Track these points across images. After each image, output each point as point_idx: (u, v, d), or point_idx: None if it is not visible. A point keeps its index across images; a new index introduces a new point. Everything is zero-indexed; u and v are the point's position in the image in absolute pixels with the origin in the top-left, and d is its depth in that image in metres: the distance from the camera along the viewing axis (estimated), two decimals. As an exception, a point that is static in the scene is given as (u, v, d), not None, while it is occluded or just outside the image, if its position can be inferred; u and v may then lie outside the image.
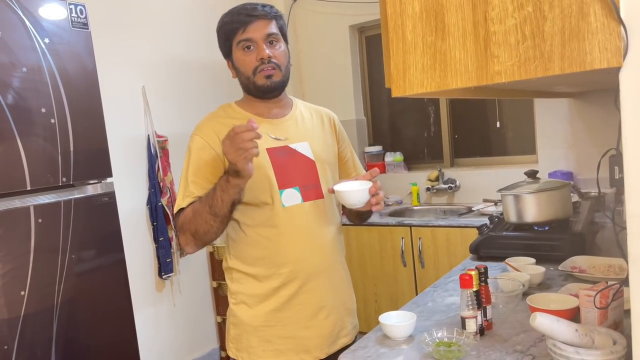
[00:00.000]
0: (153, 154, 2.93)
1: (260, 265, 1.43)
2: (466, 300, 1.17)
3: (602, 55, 0.77)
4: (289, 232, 1.41)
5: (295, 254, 1.42)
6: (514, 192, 1.86)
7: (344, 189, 1.36)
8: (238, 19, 1.41)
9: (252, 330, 1.44)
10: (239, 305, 1.47)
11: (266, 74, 1.41)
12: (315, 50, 3.89)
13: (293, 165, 1.43)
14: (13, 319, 1.79)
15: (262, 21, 1.41)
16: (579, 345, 0.95)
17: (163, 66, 3.10)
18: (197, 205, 1.35)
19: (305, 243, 1.43)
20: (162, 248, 2.92)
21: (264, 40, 1.40)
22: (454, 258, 2.86)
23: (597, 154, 2.80)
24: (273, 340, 1.43)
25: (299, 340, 1.43)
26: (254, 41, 1.40)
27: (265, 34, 1.41)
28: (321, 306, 1.45)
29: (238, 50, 1.43)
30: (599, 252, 1.72)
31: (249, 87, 1.45)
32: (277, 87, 1.44)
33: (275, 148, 1.42)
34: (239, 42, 1.41)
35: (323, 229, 1.46)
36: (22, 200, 1.83)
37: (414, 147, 3.83)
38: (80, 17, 2.02)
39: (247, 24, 1.40)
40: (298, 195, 1.42)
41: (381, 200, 1.39)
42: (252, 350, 1.44)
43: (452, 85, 0.90)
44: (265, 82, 1.42)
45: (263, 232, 1.41)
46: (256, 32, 1.40)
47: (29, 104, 1.85)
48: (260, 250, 1.42)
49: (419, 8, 0.92)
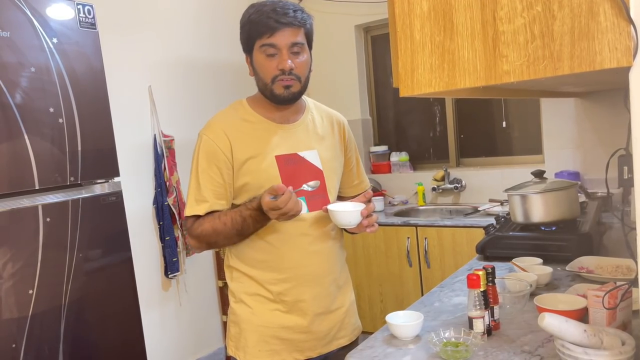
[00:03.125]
0: (159, 153, 2.94)
1: (261, 268, 1.43)
2: (473, 300, 1.17)
3: (612, 54, 0.76)
4: (292, 239, 1.41)
5: (296, 260, 1.42)
6: (521, 192, 1.86)
7: (336, 209, 1.36)
8: (267, 22, 1.34)
9: (251, 329, 1.44)
10: (239, 304, 1.47)
11: (285, 84, 1.37)
12: (321, 49, 3.88)
13: (301, 174, 1.42)
14: (21, 318, 1.80)
15: (291, 29, 1.35)
16: (588, 345, 0.95)
17: (170, 66, 3.11)
18: (219, 226, 1.37)
19: (306, 250, 1.43)
20: (168, 247, 2.93)
21: (288, 48, 1.36)
22: (460, 258, 2.85)
23: (604, 154, 2.78)
24: (270, 341, 1.43)
25: (295, 343, 1.44)
26: (278, 48, 1.35)
27: (291, 43, 1.36)
28: (320, 312, 1.45)
29: (260, 53, 1.38)
30: (607, 253, 1.71)
31: (266, 92, 1.42)
32: (294, 98, 1.42)
33: (284, 156, 1.41)
34: (262, 45, 1.36)
35: (325, 236, 1.46)
36: (31, 199, 1.84)
37: (420, 146, 3.82)
38: (88, 17, 2.03)
39: (275, 30, 1.34)
40: (304, 204, 1.41)
41: (374, 222, 1.40)
42: (248, 349, 1.44)
43: (460, 85, 0.90)
44: (283, 93, 1.38)
45: (266, 237, 1.41)
46: (282, 40, 1.35)
47: (37, 104, 1.86)
48: (261, 254, 1.43)
49: (427, 7, 0.92)
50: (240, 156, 1.38)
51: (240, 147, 1.39)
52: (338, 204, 1.41)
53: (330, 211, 1.36)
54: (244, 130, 1.41)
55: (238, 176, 1.39)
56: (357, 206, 1.38)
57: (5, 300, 1.77)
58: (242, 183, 1.39)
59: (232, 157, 1.38)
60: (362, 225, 1.37)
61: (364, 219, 1.36)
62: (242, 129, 1.41)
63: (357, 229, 1.40)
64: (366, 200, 1.42)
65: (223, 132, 1.40)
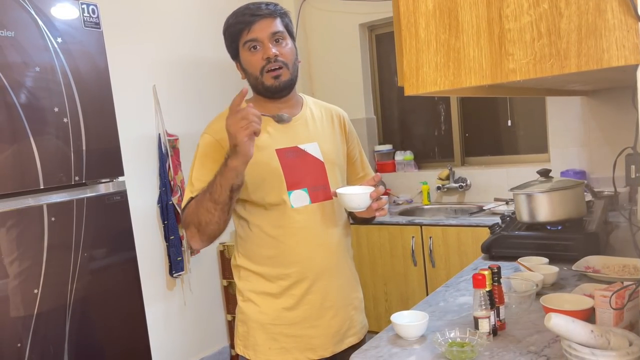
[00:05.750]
0: (164, 152, 2.94)
1: (268, 264, 1.43)
2: (479, 300, 1.16)
3: (619, 52, 0.76)
4: (297, 233, 1.41)
5: (303, 254, 1.42)
6: (526, 191, 1.84)
7: (345, 192, 1.36)
8: (242, 19, 1.40)
9: (259, 328, 1.44)
10: (246, 302, 1.47)
11: (274, 74, 1.40)
12: (325, 48, 3.88)
13: (302, 166, 1.43)
14: (26, 317, 1.81)
15: (266, 20, 1.39)
16: (595, 346, 0.94)
17: (174, 65, 3.11)
18: (199, 195, 1.35)
19: (312, 243, 1.43)
20: (173, 246, 2.93)
21: (269, 39, 1.39)
22: (465, 257, 2.84)
23: (610, 153, 2.77)
24: (279, 339, 1.43)
25: (305, 339, 1.44)
26: (259, 41, 1.39)
27: (271, 33, 1.39)
28: (328, 306, 1.45)
29: (245, 51, 1.42)
30: (613, 252, 1.70)
31: (258, 87, 1.44)
32: (285, 86, 1.43)
33: (285, 149, 1.42)
34: (244, 42, 1.40)
35: (330, 229, 1.46)
36: (36, 198, 1.85)
37: (425, 145, 3.81)
38: (92, 16, 2.03)
39: (251, 24, 1.38)
40: (306, 196, 1.42)
41: (384, 205, 1.40)
42: (258, 348, 1.44)
43: (466, 83, 0.90)
44: (274, 83, 1.41)
45: (271, 232, 1.41)
46: (261, 32, 1.39)
47: (41, 104, 1.86)
48: (268, 250, 1.42)
49: (433, 5, 0.91)
50: None
51: None
52: (347, 188, 1.41)
53: (339, 194, 1.36)
54: None
55: None
56: (366, 189, 1.37)
57: (11, 300, 1.77)
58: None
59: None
60: (371, 208, 1.37)
61: (373, 201, 1.36)
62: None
63: (366, 212, 1.39)
64: (375, 183, 1.40)
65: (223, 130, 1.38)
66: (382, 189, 1.40)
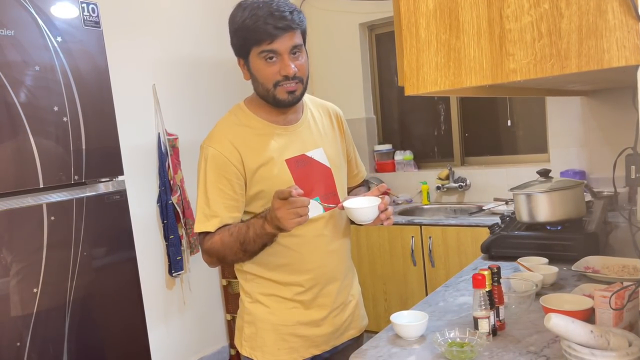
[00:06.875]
0: (163, 152, 2.94)
1: (280, 271, 1.42)
2: (479, 300, 1.16)
3: (620, 53, 0.76)
4: (311, 241, 1.41)
5: (316, 262, 1.42)
6: (526, 192, 1.84)
7: (354, 206, 1.34)
8: (265, 29, 1.28)
9: (270, 329, 1.44)
10: (255, 304, 1.46)
11: (289, 89, 1.34)
12: (324, 48, 3.88)
13: (312, 175, 1.42)
14: (26, 316, 1.81)
15: (289, 33, 1.30)
16: (595, 346, 0.94)
17: (174, 65, 3.11)
18: (226, 237, 1.34)
19: (324, 251, 1.43)
20: (172, 246, 2.93)
21: (288, 52, 1.31)
22: (464, 257, 2.84)
23: (610, 153, 2.77)
24: (288, 339, 1.44)
25: (312, 338, 1.45)
26: (278, 53, 1.31)
27: (291, 46, 1.31)
28: (335, 307, 1.47)
29: (259, 59, 1.33)
30: (613, 252, 1.70)
31: (268, 98, 1.37)
32: (297, 101, 1.39)
33: (293, 158, 1.40)
34: (261, 51, 1.31)
35: (339, 234, 1.47)
36: (35, 198, 1.85)
37: (424, 145, 3.81)
38: (92, 15, 2.03)
39: (274, 37, 1.29)
40: (319, 206, 1.40)
41: (390, 215, 1.38)
42: (267, 348, 1.44)
43: (466, 83, 0.89)
44: (287, 98, 1.35)
45: (284, 242, 1.39)
46: (282, 45, 1.30)
47: (41, 103, 1.86)
48: (281, 259, 1.41)
49: (433, 5, 0.91)
50: (251, 165, 1.36)
51: (250, 156, 1.36)
52: (353, 201, 1.38)
53: (347, 209, 1.34)
54: (250, 138, 1.38)
55: (251, 185, 1.37)
56: (373, 201, 1.36)
57: (10, 299, 1.77)
58: (256, 191, 1.38)
59: (243, 168, 1.35)
60: (379, 219, 1.36)
61: (381, 212, 1.35)
62: (248, 137, 1.38)
63: (373, 223, 1.38)
64: (380, 193, 1.39)
65: (230, 143, 1.36)
66: (388, 199, 1.38)
